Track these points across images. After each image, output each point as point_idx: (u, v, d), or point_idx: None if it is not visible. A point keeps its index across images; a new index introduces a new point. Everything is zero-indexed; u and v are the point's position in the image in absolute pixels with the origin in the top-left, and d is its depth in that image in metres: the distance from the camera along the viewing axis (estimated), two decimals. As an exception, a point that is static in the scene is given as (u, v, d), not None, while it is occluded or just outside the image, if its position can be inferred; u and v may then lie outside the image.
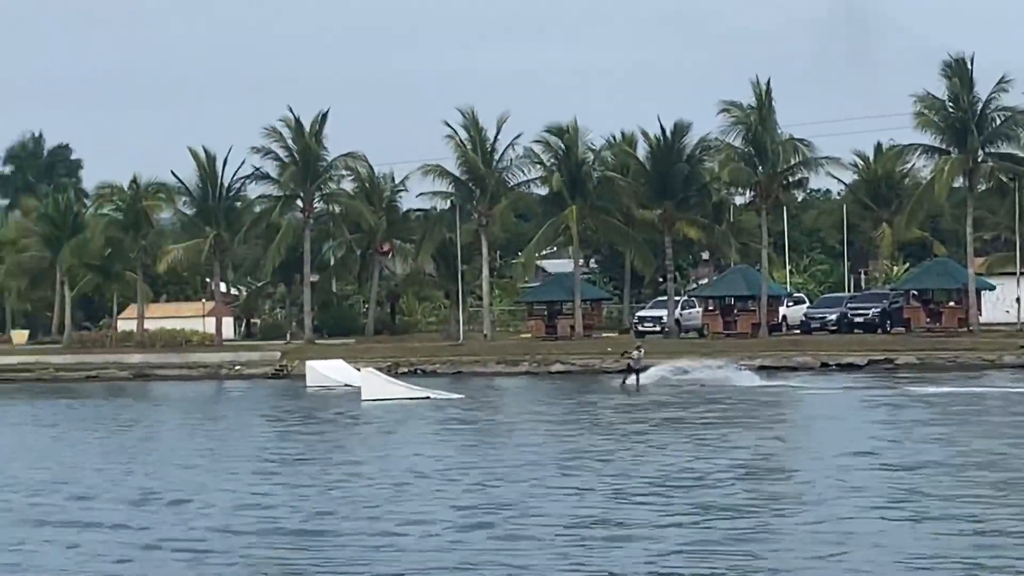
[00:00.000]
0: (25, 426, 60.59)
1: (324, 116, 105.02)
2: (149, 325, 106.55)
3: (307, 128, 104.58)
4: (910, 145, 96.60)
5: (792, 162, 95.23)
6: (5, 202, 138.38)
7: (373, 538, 27.14)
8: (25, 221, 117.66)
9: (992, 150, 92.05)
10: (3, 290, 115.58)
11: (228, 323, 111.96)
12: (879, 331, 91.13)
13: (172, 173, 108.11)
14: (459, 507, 31.17)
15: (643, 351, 75.01)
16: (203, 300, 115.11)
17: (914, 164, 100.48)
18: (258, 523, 29.26)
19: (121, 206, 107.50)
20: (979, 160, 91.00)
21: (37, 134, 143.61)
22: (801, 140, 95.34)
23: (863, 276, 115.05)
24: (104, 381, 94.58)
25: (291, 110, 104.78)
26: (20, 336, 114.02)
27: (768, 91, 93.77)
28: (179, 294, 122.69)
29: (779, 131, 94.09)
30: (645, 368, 72.66)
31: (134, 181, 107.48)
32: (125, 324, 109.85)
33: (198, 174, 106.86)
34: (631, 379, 72.33)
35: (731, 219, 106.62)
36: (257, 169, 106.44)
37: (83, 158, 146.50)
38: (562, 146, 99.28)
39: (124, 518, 30.55)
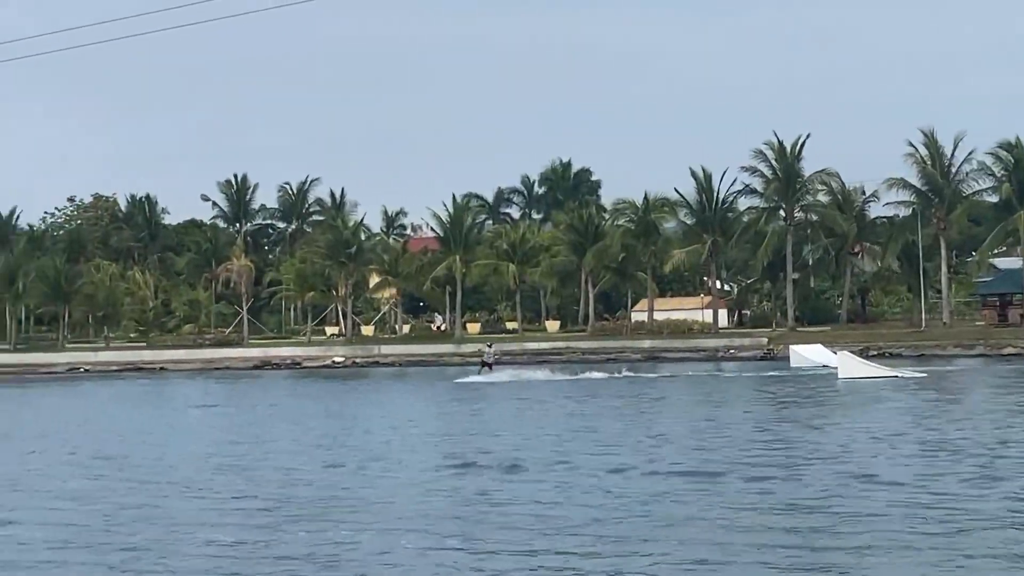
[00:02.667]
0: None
1: (804, 139, 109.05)
2: (657, 316, 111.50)
3: (788, 149, 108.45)
4: None
5: None
6: (539, 216, 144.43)
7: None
8: (556, 231, 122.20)
9: None
10: (540, 287, 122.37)
11: (723, 314, 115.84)
12: None
13: (675, 190, 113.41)
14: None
15: (493, 347, 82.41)
16: (702, 295, 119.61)
17: None
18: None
19: (634, 218, 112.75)
20: None
21: (565, 160, 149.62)
22: None
23: None
24: (621, 362, 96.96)
25: (775, 135, 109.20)
26: (553, 325, 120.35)
27: None
28: (681, 290, 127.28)
29: None
30: (494, 362, 78.75)
31: (645, 197, 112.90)
32: (637, 315, 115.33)
33: (696, 189, 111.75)
34: (484, 370, 77.31)
35: None
36: (746, 185, 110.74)
37: (602, 179, 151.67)
38: (1011, 159, 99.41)
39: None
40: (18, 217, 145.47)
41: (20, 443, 42.52)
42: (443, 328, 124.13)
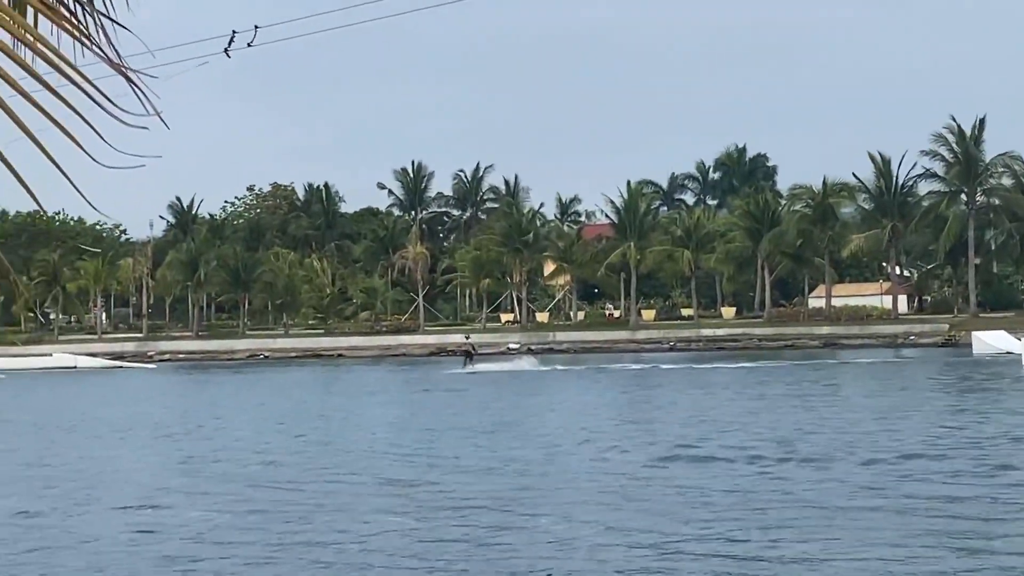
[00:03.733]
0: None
1: (982, 122, 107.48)
2: (835, 302, 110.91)
3: (968, 133, 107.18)
4: None
5: None
6: (714, 202, 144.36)
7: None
8: (732, 217, 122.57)
9: None
10: (716, 274, 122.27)
11: (902, 300, 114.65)
12: None
13: (853, 175, 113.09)
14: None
15: (471, 340, 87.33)
16: (881, 280, 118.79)
17: None
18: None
19: (811, 203, 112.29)
20: None
21: (741, 146, 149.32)
22: None
23: None
24: (798, 349, 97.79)
25: (953, 119, 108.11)
26: (728, 312, 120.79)
27: None
28: (859, 276, 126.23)
29: None
30: (474, 354, 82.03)
31: (823, 182, 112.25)
32: (814, 301, 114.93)
33: (875, 174, 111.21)
34: (469, 364, 79.35)
35: None
36: (926, 169, 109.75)
37: (778, 164, 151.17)
38: None
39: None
40: (199, 206, 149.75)
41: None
42: (617, 315, 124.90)
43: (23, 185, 2.75)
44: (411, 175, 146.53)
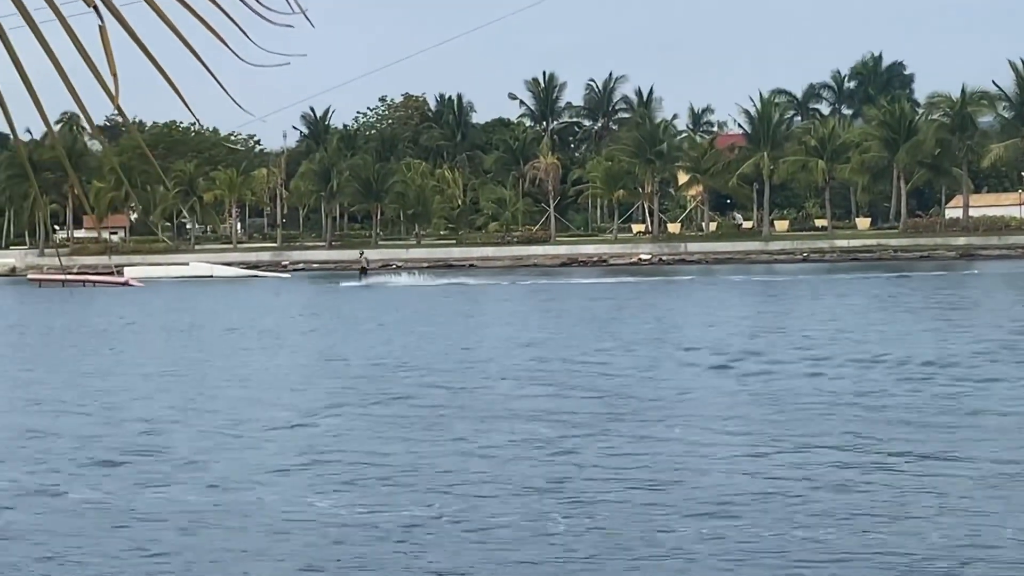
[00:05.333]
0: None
1: None
2: (973, 212, 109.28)
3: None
4: None
5: None
6: (849, 112, 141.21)
7: None
8: (867, 127, 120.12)
9: None
10: (850, 184, 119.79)
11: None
12: None
13: (993, 83, 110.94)
14: None
15: (365, 256, 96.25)
16: (1020, 191, 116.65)
17: None
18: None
19: (949, 112, 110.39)
20: None
21: (877, 54, 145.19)
22: None
23: None
24: (934, 260, 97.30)
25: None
26: (863, 223, 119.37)
27: None
28: (998, 186, 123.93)
29: None
30: (368, 270, 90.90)
31: (962, 91, 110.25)
32: (951, 212, 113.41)
33: (1016, 82, 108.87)
34: (364, 278, 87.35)
35: None
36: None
37: (915, 72, 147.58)
38: None
39: None
40: (331, 117, 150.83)
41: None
42: (749, 226, 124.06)
43: (175, 90, 2.95)
44: (542, 85, 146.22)
